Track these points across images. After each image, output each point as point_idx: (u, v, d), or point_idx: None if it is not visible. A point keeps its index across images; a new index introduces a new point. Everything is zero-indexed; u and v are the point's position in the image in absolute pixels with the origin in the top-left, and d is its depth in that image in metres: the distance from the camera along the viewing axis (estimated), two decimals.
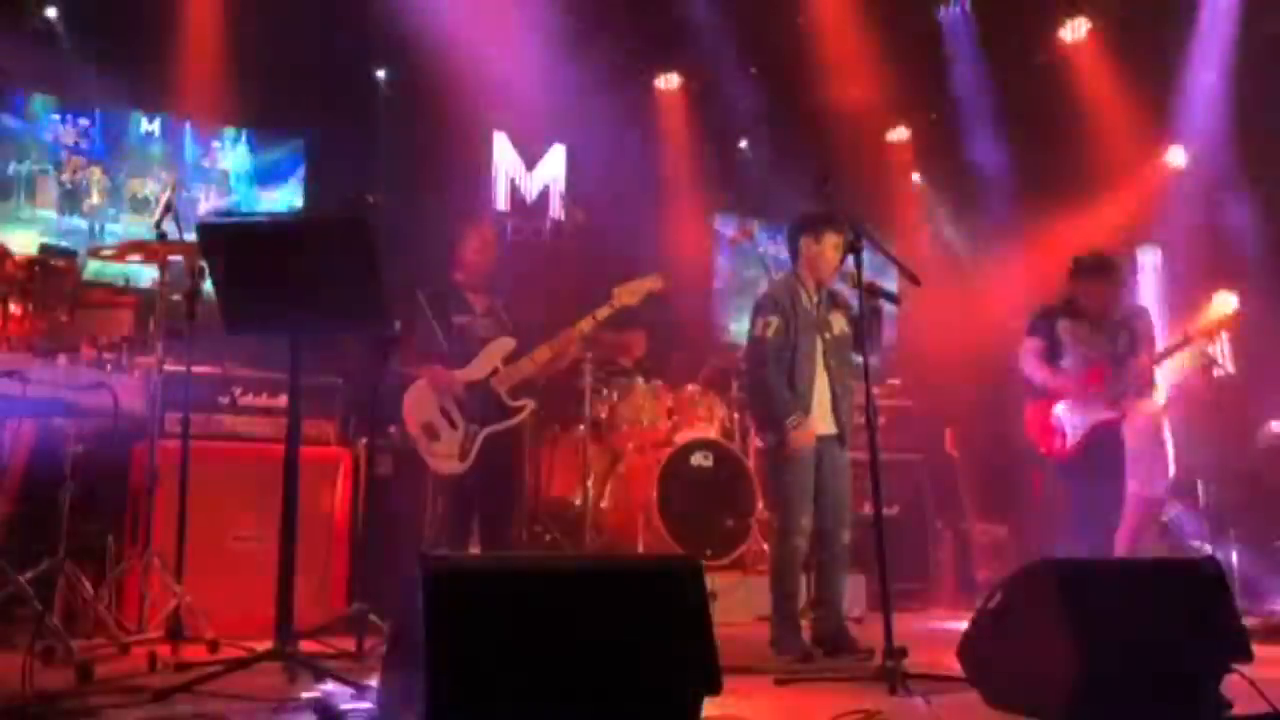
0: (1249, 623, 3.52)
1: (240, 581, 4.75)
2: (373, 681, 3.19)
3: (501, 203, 8.57)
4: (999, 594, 3.50)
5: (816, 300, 4.86)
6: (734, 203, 9.20)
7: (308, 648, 4.05)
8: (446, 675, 2.53)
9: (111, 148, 7.20)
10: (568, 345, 5.20)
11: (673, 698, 2.75)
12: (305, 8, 7.16)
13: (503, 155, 8.63)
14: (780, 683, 3.96)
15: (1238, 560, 6.48)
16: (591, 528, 6.29)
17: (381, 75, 8.04)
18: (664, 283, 5.33)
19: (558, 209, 8.69)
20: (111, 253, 5.01)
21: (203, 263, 4.27)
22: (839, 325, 4.86)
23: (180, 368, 4.68)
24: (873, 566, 4.11)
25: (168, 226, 4.62)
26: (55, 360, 4.18)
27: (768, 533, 5.84)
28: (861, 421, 4.38)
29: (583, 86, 8.29)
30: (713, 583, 5.80)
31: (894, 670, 3.71)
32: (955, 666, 3.65)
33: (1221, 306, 5.96)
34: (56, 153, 7.06)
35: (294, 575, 3.69)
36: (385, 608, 4.41)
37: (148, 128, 7.35)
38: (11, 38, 6.70)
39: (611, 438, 6.77)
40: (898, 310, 4.69)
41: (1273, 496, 6.89)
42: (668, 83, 9.00)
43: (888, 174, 9.39)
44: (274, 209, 7.56)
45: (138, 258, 4.91)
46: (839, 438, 4.79)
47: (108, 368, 4.51)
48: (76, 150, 7.09)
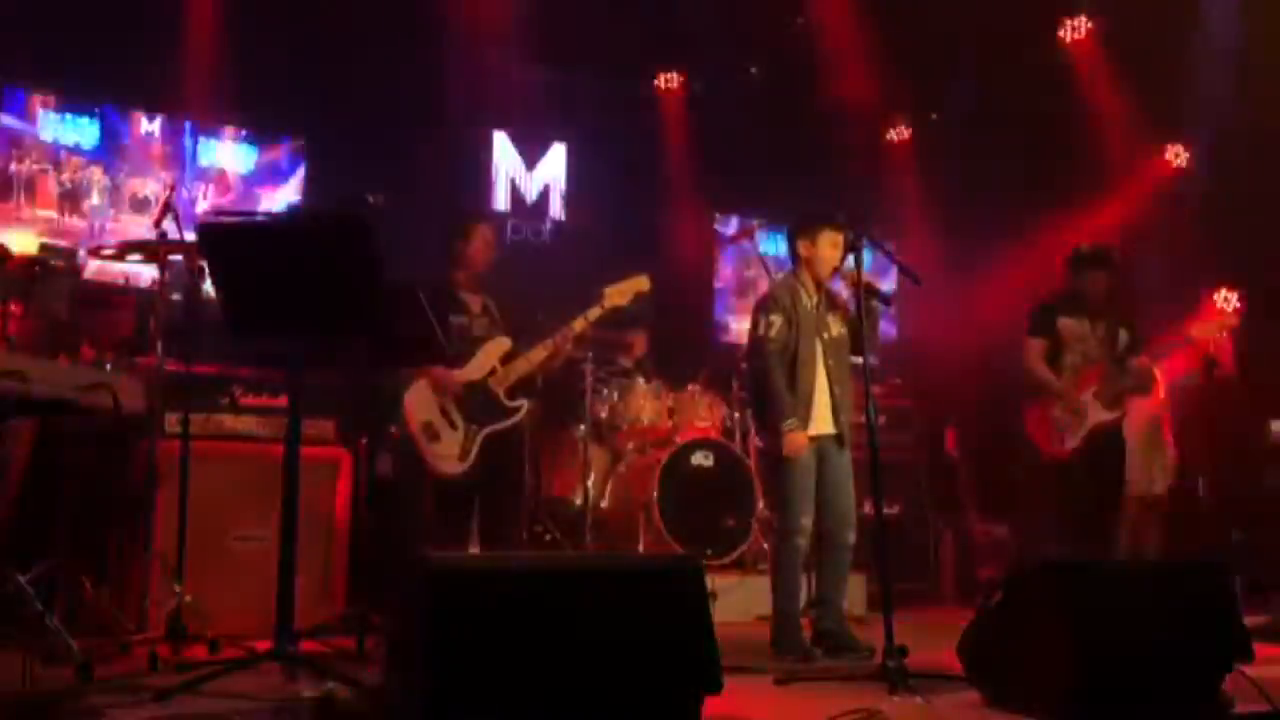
0: (1250, 622, 3.50)
1: (240, 581, 4.75)
2: (373, 681, 3.18)
3: (502, 202, 8.56)
4: (999, 593, 3.50)
5: (816, 300, 4.86)
6: (734, 202, 9.19)
7: (308, 647, 4.05)
8: (446, 675, 2.53)
9: (111, 147, 7.19)
10: (562, 345, 5.21)
11: (673, 697, 2.75)
12: (305, 7, 7.15)
13: (503, 155, 8.62)
14: (781, 682, 3.97)
15: (1239, 559, 6.47)
16: (592, 527, 6.29)
17: (381, 74, 8.03)
18: (651, 283, 5.34)
19: (558, 209, 8.68)
20: (111, 252, 5.01)
21: (202, 263, 4.27)
22: (837, 326, 4.86)
23: (180, 367, 4.68)
24: (873, 566, 4.11)
25: (167, 226, 4.62)
26: (55, 360, 4.17)
27: (768, 532, 5.84)
28: (861, 421, 4.39)
29: (583, 86, 8.29)
30: (713, 582, 5.81)
31: (894, 670, 3.71)
32: (956, 666, 3.65)
33: (1222, 306, 5.96)
34: (56, 152, 7.05)
35: (294, 575, 3.69)
36: (385, 607, 4.42)
37: (147, 127, 7.34)
38: (10, 37, 6.69)
39: (612, 437, 6.77)
40: (892, 309, 4.68)
41: (1273, 495, 6.89)
42: (668, 82, 8.99)
43: (888, 173, 9.39)
44: (274, 209, 7.56)
45: (138, 257, 4.91)
46: (839, 438, 4.79)
47: (108, 367, 4.50)
48: (76, 150, 7.08)
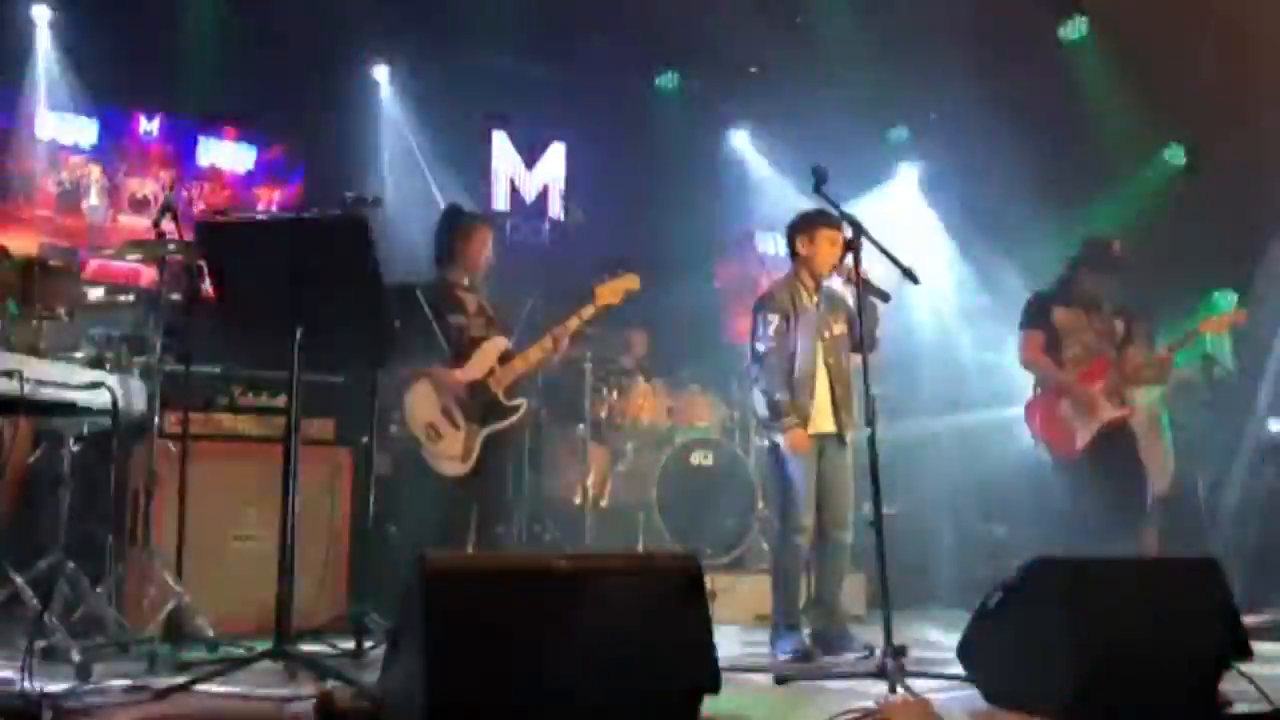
0: (1248, 621, 3.50)
1: (239, 581, 4.76)
2: (372, 680, 3.18)
3: (501, 202, 8.56)
4: (999, 593, 3.50)
5: (816, 300, 4.87)
6: (733, 201, 9.18)
7: (307, 647, 4.05)
8: (446, 674, 2.53)
9: (110, 147, 7.19)
10: (558, 344, 5.22)
11: (672, 696, 2.75)
12: (304, 7, 7.15)
13: (502, 154, 8.62)
14: (780, 681, 3.97)
15: (1237, 558, 6.46)
16: (591, 527, 6.29)
17: (379, 74, 8.03)
18: (640, 282, 5.35)
19: (557, 208, 8.68)
20: (111, 252, 5.01)
21: (202, 262, 4.27)
22: (838, 325, 4.86)
23: (179, 367, 4.68)
24: (873, 565, 4.11)
25: (167, 226, 4.62)
26: (54, 360, 4.17)
27: (768, 532, 5.84)
28: (862, 419, 4.39)
29: (582, 85, 8.29)
30: (712, 581, 5.81)
31: (894, 669, 3.71)
32: (955, 665, 3.65)
33: (1222, 304, 5.93)
34: (55, 152, 7.05)
35: (293, 574, 3.69)
36: (384, 606, 4.42)
37: (146, 127, 7.34)
38: (10, 37, 6.69)
39: (611, 436, 6.78)
40: (891, 308, 4.68)
41: (1272, 494, 6.88)
42: (666, 81, 8.99)
43: (887, 172, 9.39)
44: (273, 208, 7.56)
45: (137, 257, 4.92)
46: (840, 436, 4.79)
47: (107, 367, 4.50)
48: (75, 150, 7.08)
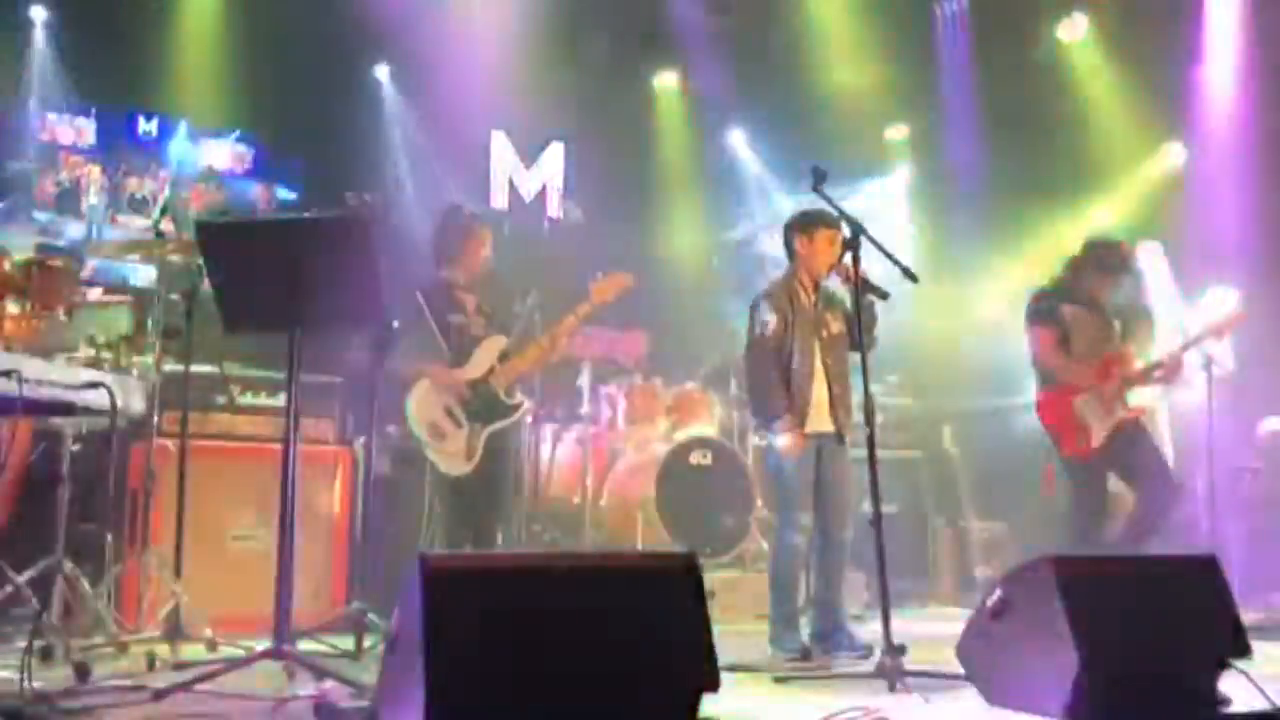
0: (1248, 619, 3.50)
1: (239, 580, 4.76)
2: (371, 680, 3.18)
3: (500, 201, 8.55)
4: (998, 591, 3.50)
5: (814, 299, 4.86)
6: (732, 201, 9.19)
7: (306, 647, 4.05)
8: (445, 674, 2.53)
9: (109, 147, 7.19)
10: (555, 343, 5.22)
11: (671, 696, 2.74)
12: (303, 6, 7.15)
13: (501, 153, 8.62)
14: (779, 680, 3.98)
15: (1236, 556, 6.46)
16: (590, 526, 6.29)
17: (380, 73, 8.03)
18: (632, 280, 5.36)
19: (556, 207, 8.68)
20: (109, 252, 5.02)
21: (201, 262, 4.26)
22: (835, 324, 4.86)
23: (178, 367, 4.68)
24: (871, 564, 4.11)
25: (165, 226, 4.62)
26: (53, 360, 4.17)
27: (766, 531, 5.84)
28: (860, 419, 4.39)
29: (581, 84, 8.29)
30: (711, 581, 5.81)
31: (893, 668, 3.71)
32: (954, 664, 3.65)
33: (1222, 304, 5.90)
34: (54, 152, 7.04)
35: (292, 574, 3.68)
36: (384, 606, 4.42)
37: (145, 127, 7.34)
38: (8, 37, 6.69)
39: (610, 436, 6.78)
40: (891, 306, 4.67)
41: (1271, 492, 6.88)
42: (665, 80, 8.99)
43: (886, 171, 9.39)
44: (272, 208, 7.56)
45: (135, 257, 4.92)
46: (838, 435, 4.79)
47: (105, 367, 4.50)
48: (74, 149, 7.08)
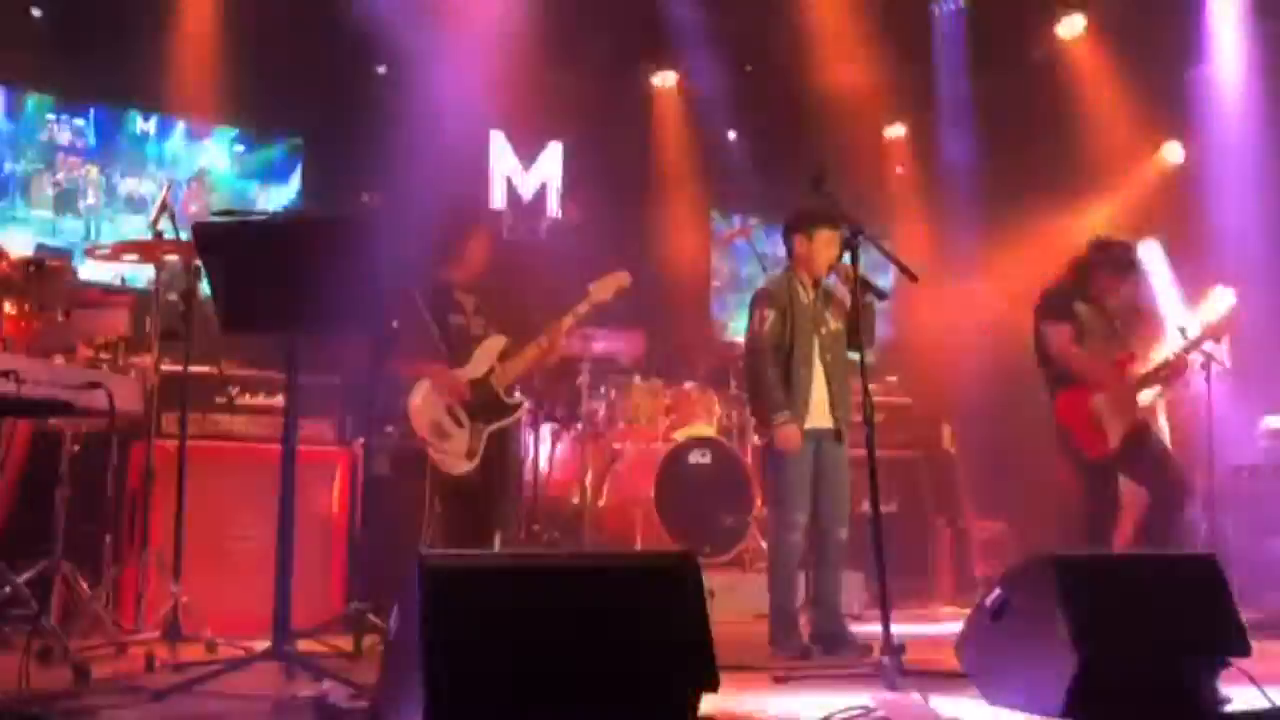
0: (1247, 617, 3.50)
1: (237, 581, 4.75)
2: (371, 681, 3.18)
3: (498, 201, 8.55)
4: (997, 590, 3.50)
5: (813, 297, 4.86)
6: (731, 200, 9.18)
7: (305, 647, 4.05)
8: (444, 674, 2.53)
9: (107, 147, 7.18)
10: (554, 341, 5.23)
11: (670, 695, 2.74)
12: (301, 6, 7.14)
13: (499, 153, 8.62)
14: (778, 680, 3.97)
15: (1235, 555, 6.46)
16: (589, 526, 6.29)
17: (379, 73, 8.02)
18: (629, 279, 5.36)
19: (554, 207, 8.68)
20: (107, 253, 5.01)
21: (199, 262, 4.26)
22: (834, 322, 4.86)
23: (177, 368, 4.67)
24: (871, 563, 4.10)
25: (163, 226, 4.61)
26: (51, 361, 4.17)
27: (766, 530, 5.84)
28: (859, 418, 4.38)
29: (579, 84, 8.29)
30: (711, 580, 5.79)
31: (892, 667, 3.71)
32: (953, 663, 3.65)
33: (1220, 303, 5.88)
34: (51, 152, 7.04)
35: (291, 575, 3.68)
36: (383, 607, 4.41)
37: (143, 127, 7.33)
38: (5, 36, 6.68)
39: (609, 435, 6.78)
40: (889, 306, 4.67)
41: (1270, 490, 6.88)
42: (664, 80, 8.99)
43: (884, 171, 9.39)
44: (270, 208, 7.55)
45: (133, 257, 4.91)
46: (836, 433, 4.79)
47: (104, 368, 4.50)
48: (72, 150, 7.07)
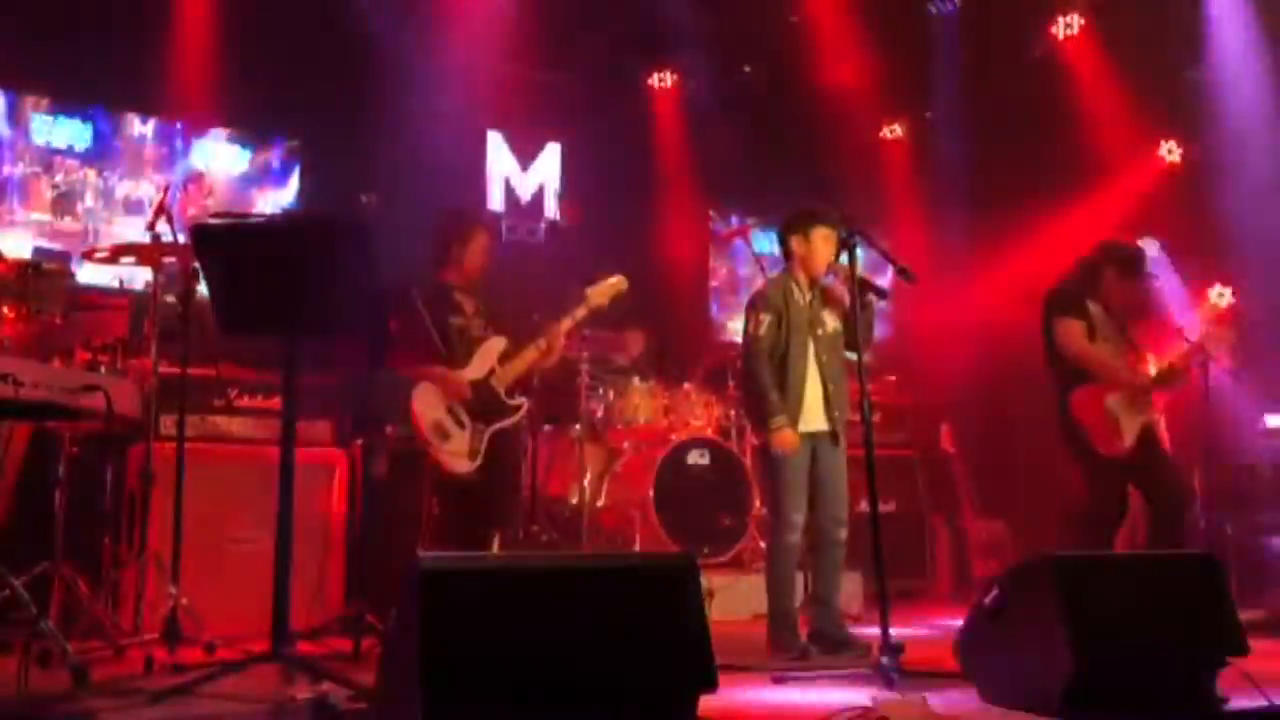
0: (1245, 616, 3.51)
1: (236, 583, 4.75)
2: (369, 683, 3.18)
3: (496, 203, 8.55)
4: (996, 589, 3.50)
5: (810, 297, 4.86)
6: (729, 201, 9.19)
7: (304, 649, 4.05)
8: (442, 676, 2.53)
9: (104, 150, 7.17)
10: (553, 344, 5.24)
11: (669, 696, 2.75)
12: (299, 8, 7.14)
13: (497, 154, 8.62)
14: (777, 680, 3.97)
15: (1233, 553, 6.47)
16: (588, 527, 6.29)
17: (378, 75, 8.01)
18: (626, 284, 5.37)
19: (552, 209, 8.68)
20: (105, 255, 5.01)
21: (196, 265, 4.26)
22: (832, 322, 4.86)
23: (175, 370, 4.67)
24: (869, 563, 4.11)
25: (161, 229, 4.61)
26: (49, 363, 4.17)
27: (764, 531, 5.84)
28: (857, 418, 4.38)
29: (576, 85, 8.28)
30: (709, 581, 5.81)
31: (891, 667, 3.71)
32: (952, 663, 3.65)
33: (1219, 303, 5.88)
34: (49, 155, 7.03)
35: (290, 577, 3.68)
36: (382, 608, 4.41)
37: (141, 129, 7.32)
38: (2, 38, 6.67)
39: (608, 436, 6.78)
40: (888, 306, 4.68)
41: (1268, 489, 6.89)
42: (661, 81, 8.99)
43: (882, 170, 9.39)
44: (268, 210, 7.55)
45: (131, 260, 4.91)
46: (833, 434, 4.79)
47: (102, 370, 4.50)
48: (69, 153, 7.06)
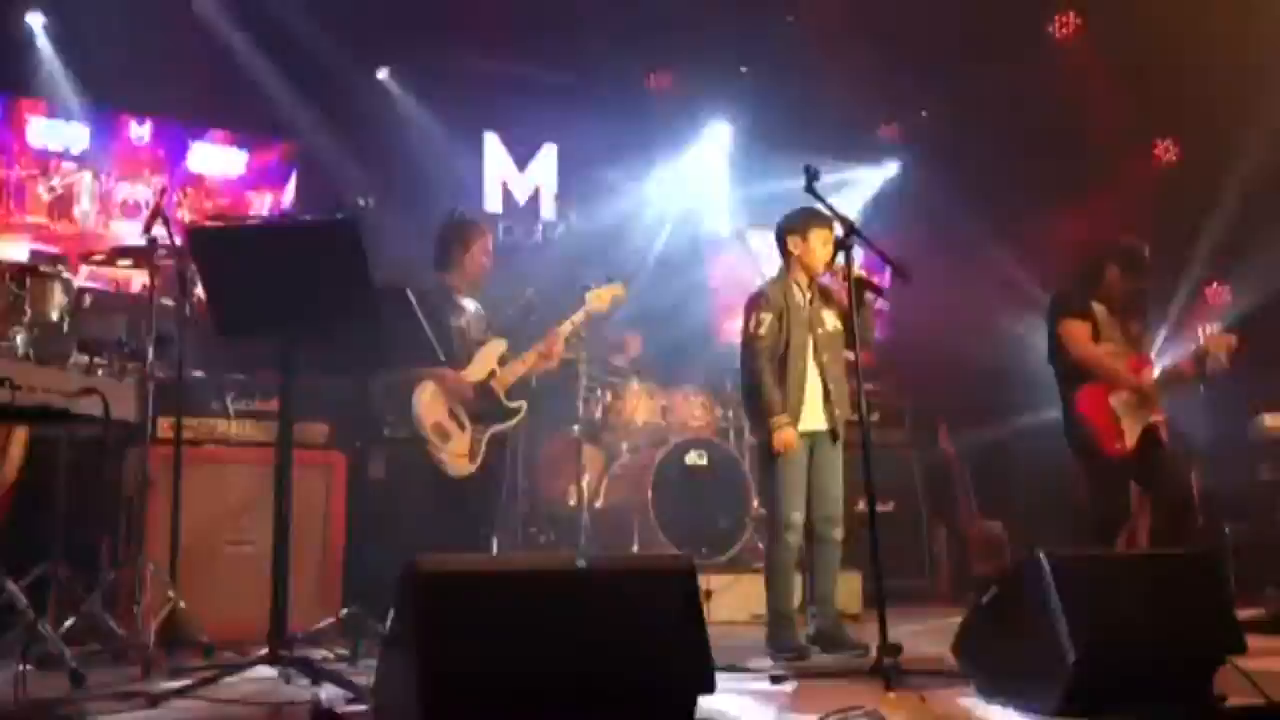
0: (1243, 614, 3.52)
1: (234, 586, 4.75)
2: (368, 685, 3.18)
3: (493, 204, 8.54)
4: (994, 588, 3.50)
5: (809, 297, 4.87)
6: (726, 200, 9.18)
7: (302, 651, 4.04)
8: (440, 677, 2.53)
9: (101, 152, 7.17)
10: (552, 347, 5.24)
11: (668, 697, 2.75)
12: (297, 9, 7.14)
13: (493, 156, 8.61)
14: (776, 680, 3.97)
15: (1232, 552, 6.47)
16: (587, 528, 6.29)
17: (377, 76, 8.03)
18: (625, 293, 5.39)
19: (549, 210, 8.67)
20: (102, 258, 5.01)
21: (194, 268, 4.26)
22: (830, 322, 4.87)
23: (172, 373, 4.67)
24: (868, 563, 4.11)
25: (158, 231, 4.61)
26: (46, 367, 4.16)
27: (762, 531, 5.84)
28: (855, 417, 4.39)
29: (574, 85, 8.28)
30: (708, 582, 5.82)
31: (890, 667, 3.71)
32: (951, 663, 3.66)
33: (1218, 302, 5.87)
34: (45, 158, 7.03)
35: (288, 579, 3.68)
36: (379, 610, 4.41)
37: (138, 132, 7.32)
38: (2, 42, 6.68)
39: (606, 437, 6.78)
40: (887, 306, 4.69)
41: (1267, 488, 6.90)
42: (659, 81, 8.99)
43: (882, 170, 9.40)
44: (265, 213, 7.55)
45: (128, 263, 4.91)
46: (832, 433, 4.80)
47: (99, 374, 4.49)
48: (66, 155, 7.06)
